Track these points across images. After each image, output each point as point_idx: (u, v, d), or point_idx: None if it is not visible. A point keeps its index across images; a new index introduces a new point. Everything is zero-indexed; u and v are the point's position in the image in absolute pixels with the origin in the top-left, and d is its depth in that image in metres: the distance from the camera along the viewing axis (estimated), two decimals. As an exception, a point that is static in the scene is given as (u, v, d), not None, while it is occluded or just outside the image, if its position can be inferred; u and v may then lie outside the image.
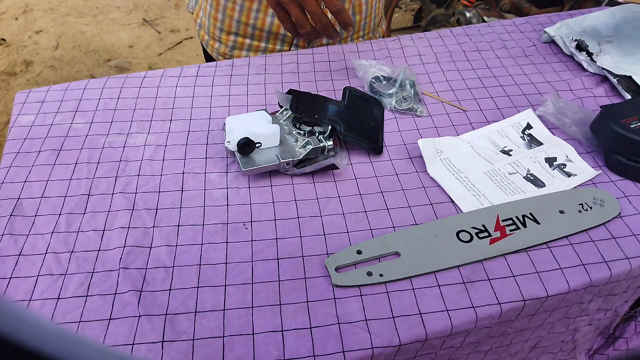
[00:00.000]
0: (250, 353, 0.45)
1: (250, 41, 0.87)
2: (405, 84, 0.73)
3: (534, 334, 0.57)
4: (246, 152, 0.60)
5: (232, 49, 0.89)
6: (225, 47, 0.90)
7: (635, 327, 0.67)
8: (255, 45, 0.88)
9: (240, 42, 0.88)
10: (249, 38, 0.87)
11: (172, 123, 0.69)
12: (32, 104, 0.71)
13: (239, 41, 0.88)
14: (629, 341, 0.68)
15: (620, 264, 0.53)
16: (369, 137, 0.65)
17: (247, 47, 0.88)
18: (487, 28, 0.92)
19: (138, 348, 0.45)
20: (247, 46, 0.88)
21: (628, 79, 0.76)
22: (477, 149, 0.66)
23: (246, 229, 0.56)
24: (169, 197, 0.59)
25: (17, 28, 2.39)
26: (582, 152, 0.66)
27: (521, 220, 0.56)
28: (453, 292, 0.50)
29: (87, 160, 0.63)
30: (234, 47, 0.89)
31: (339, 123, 0.63)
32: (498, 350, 0.56)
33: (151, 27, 2.45)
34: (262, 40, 0.87)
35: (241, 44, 0.88)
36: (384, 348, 0.46)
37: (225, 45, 0.89)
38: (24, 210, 0.57)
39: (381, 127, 0.68)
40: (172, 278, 0.51)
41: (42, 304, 0.48)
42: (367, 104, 0.70)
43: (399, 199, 0.59)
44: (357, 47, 0.85)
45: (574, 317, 0.57)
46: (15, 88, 2.06)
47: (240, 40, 0.88)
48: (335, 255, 0.52)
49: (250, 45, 0.88)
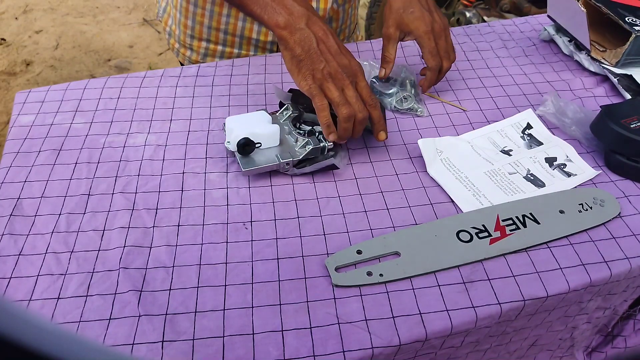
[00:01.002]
0: (250, 353, 0.45)
1: (223, 47, 0.85)
2: (405, 84, 0.73)
3: (532, 333, 0.57)
4: (246, 152, 0.60)
5: (204, 56, 0.87)
6: (197, 54, 0.87)
7: (633, 326, 0.68)
8: (228, 51, 0.86)
9: (212, 49, 0.86)
10: (221, 44, 0.85)
11: (172, 123, 0.69)
12: (32, 104, 0.71)
13: (211, 48, 0.86)
14: (627, 339, 0.68)
15: (620, 264, 0.53)
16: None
17: (219, 53, 0.86)
18: (487, 28, 0.92)
19: (138, 348, 0.45)
20: (220, 53, 0.86)
21: (628, 79, 0.76)
22: (477, 149, 0.66)
23: (246, 229, 0.56)
24: (169, 197, 0.59)
25: (17, 28, 2.39)
26: (582, 152, 0.66)
27: (521, 220, 0.56)
28: (453, 292, 0.50)
29: (87, 160, 0.63)
30: (205, 54, 0.87)
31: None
32: (497, 349, 0.56)
33: (151, 27, 2.45)
34: (234, 46, 0.85)
35: (213, 51, 0.86)
36: (384, 348, 0.46)
37: (197, 52, 0.87)
38: (24, 210, 0.57)
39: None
40: (172, 278, 0.51)
41: (42, 304, 0.48)
42: None
43: (399, 199, 0.59)
44: (357, 47, 0.85)
45: (572, 316, 0.57)
46: (15, 88, 2.06)
47: (212, 47, 0.85)
48: (335, 255, 0.52)
49: (222, 51, 0.86)
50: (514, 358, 0.60)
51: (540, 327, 0.56)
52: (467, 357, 0.54)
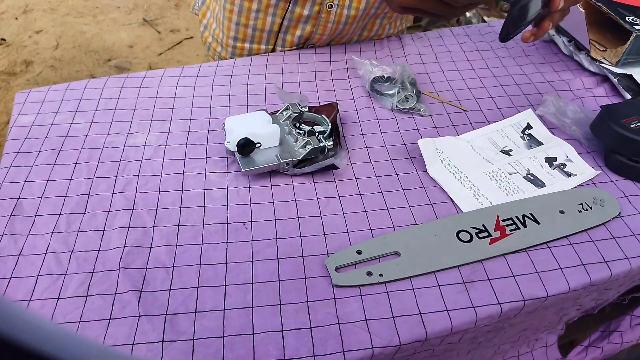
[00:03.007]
0: (250, 353, 0.45)
1: (250, 45, 0.85)
2: (406, 84, 0.73)
3: (526, 324, 0.57)
4: (246, 152, 0.60)
5: (232, 55, 0.88)
6: (226, 52, 0.89)
7: (630, 322, 0.68)
8: (256, 48, 0.86)
9: (239, 47, 0.86)
10: (249, 42, 0.85)
11: (172, 123, 0.69)
12: (32, 104, 0.71)
13: (238, 46, 0.86)
14: (623, 335, 0.68)
15: (620, 264, 0.53)
16: (518, 17, 0.54)
17: (247, 51, 0.86)
18: (487, 28, 0.92)
19: (138, 348, 0.45)
20: (248, 51, 0.86)
21: (628, 79, 0.76)
22: (477, 149, 0.66)
23: (246, 229, 0.56)
24: (169, 197, 0.59)
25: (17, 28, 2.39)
26: (582, 152, 0.66)
27: (521, 220, 0.56)
28: (453, 292, 0.50)
29: (87, 160, 0.63)
30: (233, 52, 0.87)
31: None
32: (493, 340, 0.57)
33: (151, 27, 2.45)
34: (262, 42, 0.85)
35: (241, 50, 0.86)
36: (384, 348, 0.46)
37: (226, 50, 0.88)
38: (24, 210, 0.57)
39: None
40: (172, 278, 0.51)
41: (42, 304, 0.48)
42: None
43: (399, 199, 0.59)
44: (359, 47, 0.85)
45: (567, 308, 0.57)
46: (15, 88, 2.06)
47: (240, 45, 0.86)
48: (335, 255, 0.52)
49: (250, 49, 0.86)
50: (506, 344, 0.61)
51: (535, 319, 0.56)
52: (463, 349, 0.54)
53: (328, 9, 0.78)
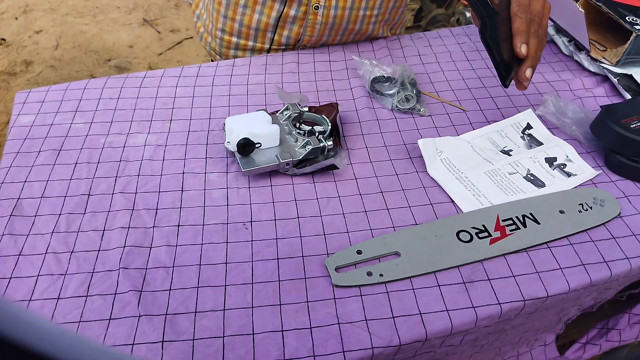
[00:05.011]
0: (250, 353, 0.45)
1: (237, 39, 0.85)
2: (406, 84, 0.73)
3: (527, 325, 0.57)
4: (246, 152, 0.60)
5: (220, 47, 0.87)
6: (215, 43, 0.88)
7: (628, 319, 0.68)
8: (243, 43, 0.85)
9: (227, 40, 0.85)
10: (236, 36, 0.84)
11: (172, 123, 0.69)
12: (32, 104, 0.71)
13: (226, 39, 0.85)
14: (621, 332, 0.68)
15: (620, 264, 0.53)
16: (507, 60, 0.58)
17: (234, 45, 0.86)
18: (487, 28, 0.91)
19: (138, 348, 0.45)
20: (235, 45, 0.86)
21: (628, 79, 0.76)
22: (477, 149, 0.66)
23: (246, 229, 0.56)
24: (169, 197, 0.59)
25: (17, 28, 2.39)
26: (582, 152, 0.66)
27: (521, 220, 0.56)
28: (453, 292, 0.50)
29: (87, 160, 0.63)
30: (221, 45, 0.87)
31: (487, 25, 0.57)
32: (494, 343, 0.57)
33: (151, 27, 2.45)
34: (249, 38, 0.84)
35: (228, 43, 0.86)
36: (384, 348, 0.46)
37: (215, 41, 0.88)
38: (24, 210, 0.57)
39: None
40: (172, 278, 0.51)
41: (42, 304, 0.48)
42: None
43: (399, 199, 0.59)
44: (357, 47, 0.85)
45: (567, 308, 0.57)
46: (15, 88, 2.06)
47: (227, 39, 0.85)
48: (335, 255, 0.52)
49: (237, 44, 0.85)
50: (507, 346, 0.61)
51: (535, 320, 0.56)
52: (465, 352, 0.54)
53: (314, 10, 0.78)
